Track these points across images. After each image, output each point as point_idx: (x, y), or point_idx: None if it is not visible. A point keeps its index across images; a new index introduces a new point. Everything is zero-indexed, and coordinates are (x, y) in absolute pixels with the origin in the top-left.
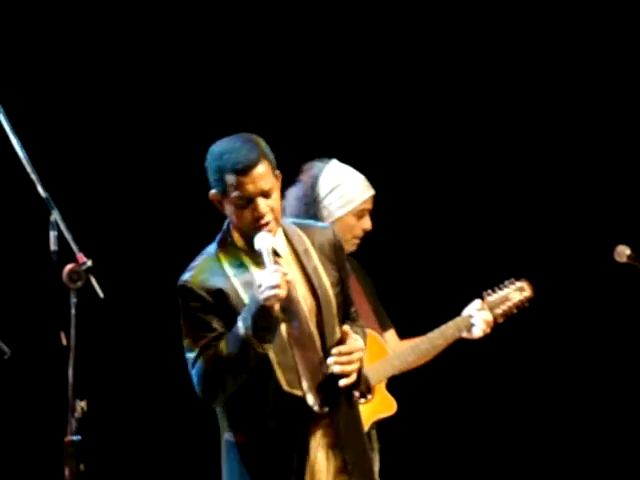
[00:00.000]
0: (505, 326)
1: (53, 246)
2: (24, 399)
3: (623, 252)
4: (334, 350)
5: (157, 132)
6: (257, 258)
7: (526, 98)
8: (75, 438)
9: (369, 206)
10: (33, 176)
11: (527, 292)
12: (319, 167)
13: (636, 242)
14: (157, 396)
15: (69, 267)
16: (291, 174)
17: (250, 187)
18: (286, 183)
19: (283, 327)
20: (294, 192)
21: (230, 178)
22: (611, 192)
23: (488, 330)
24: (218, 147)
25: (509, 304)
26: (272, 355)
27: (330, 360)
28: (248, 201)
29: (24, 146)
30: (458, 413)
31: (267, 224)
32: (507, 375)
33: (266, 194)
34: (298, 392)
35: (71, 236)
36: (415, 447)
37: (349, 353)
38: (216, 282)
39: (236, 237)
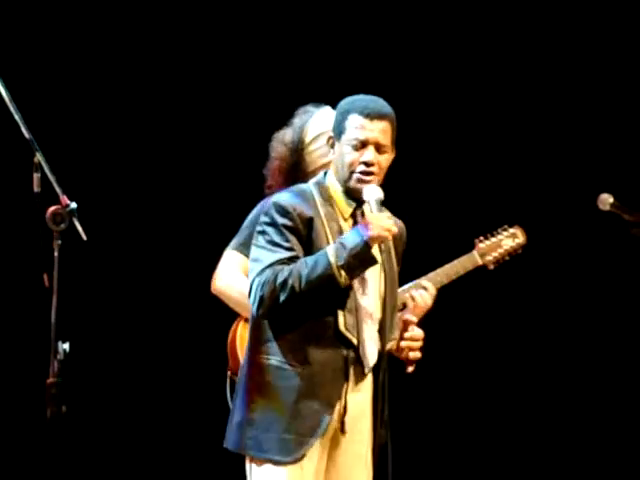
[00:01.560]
0: (491, 272)
1: (36, 188)
2: (6, 341)
3: (606, 200)
4: (407, 334)
5: (140, 80)
6: (350, 211)
7: (509, 55)
8: (57, 380)
9: None
10: (17, 117)
11: (520, 239)
12: (311, 112)
13: (619, 190)
14: (139, 338)
15: (52, 209)
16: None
17: (370, 133)
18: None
19: (356, 282)
20: (281, 136)
21: (355, 118)
22: (595, 141)
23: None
24: (350, 97)
25: (501, 251)
26: (339, 295)
27: (403, 344)
28: (363, 144)
29: (8, 87)
30: (446, 380)
31: (370, 174)
32: (491, 322)
33: (380, 148)
34: (352, 337)
35: (55, 178)
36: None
37: (418, 340)
38: (308, 211)
39: (332, 188)
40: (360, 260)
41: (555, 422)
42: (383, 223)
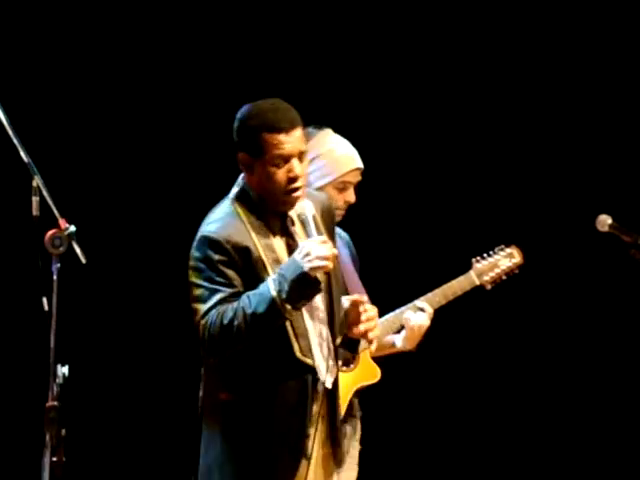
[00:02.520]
0: (488, 295)
1: (35, 211)
2: (5, 364)
3: (605, 221)
4: (363, 316)
5: (138, 100)
6: (279, 225)
7: (509, 72)
8: (56, 403)
9: (352, 179)
10: (15, 141)
11: (517, 259)
12: (309, 134)
13: (617, 211)
14: (138, 361)
15: (51, 232)
16: None
17: (289, 146)
18: None
19: None
20: None
21: (270, 137)
22: (594, 163)
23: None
24: (253, 108)
25: (498, 271)
26: (288, 321)
27: (362, 327)
28: (285, 160)
29: (6, 111)
30: (440, 382)
31: (299, 188)
32: (488, 340)
33: (301, 156)
34: (309, 361)
35: (53, 201)
36: (397, 415)
37: (374, 318)
38: (241, 240)
39: (257, 204)
40: (302, 293)
41: (546, 432)
42: (320, 252)
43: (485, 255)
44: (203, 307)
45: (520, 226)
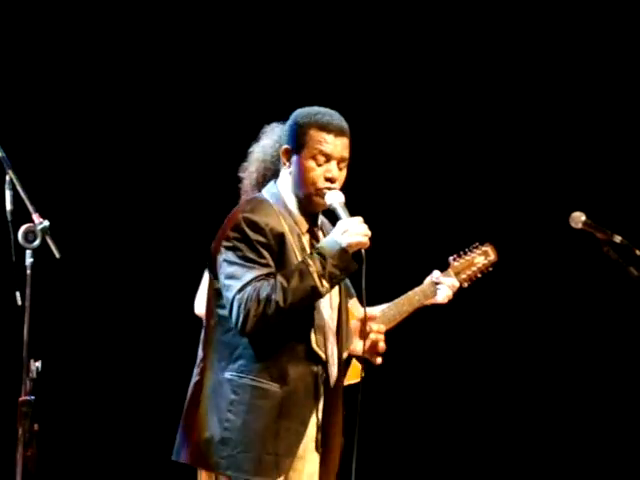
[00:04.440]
0: (465, 291)
1: (9, 205)
2: None
3: (578, 218)
4: (376, 327)
5: (111, 92)
6: (307, 225)
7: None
8: (29, 398)
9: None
10: None
11: (492, 256)
12: (282, 128)
13: (591, 208)
14: (111, 356)
15: (25, 227)
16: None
17: (334, 148)
18: (246, 146)
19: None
20: (256, 153)
21: (317, 133)
22: (567, 160)
23: (451, 296)
24: (309, 109)
25: (474, 269)
26: (311, 313)
27: (372, 338)
28: (327, 159)
29: None
30: (422, 381)
31: (332, 189)
32: (469, 340)
33: (341, 163)
34: (322, 354)
35: (27, 196)
36: (378, 414)
37: (382, 332)
38: (277, 226)
39: (288, 200)
40: (341, 268)
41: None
42: (359, 229)
43: (461, 253)
44: (239, 283)
45: (494, 223)
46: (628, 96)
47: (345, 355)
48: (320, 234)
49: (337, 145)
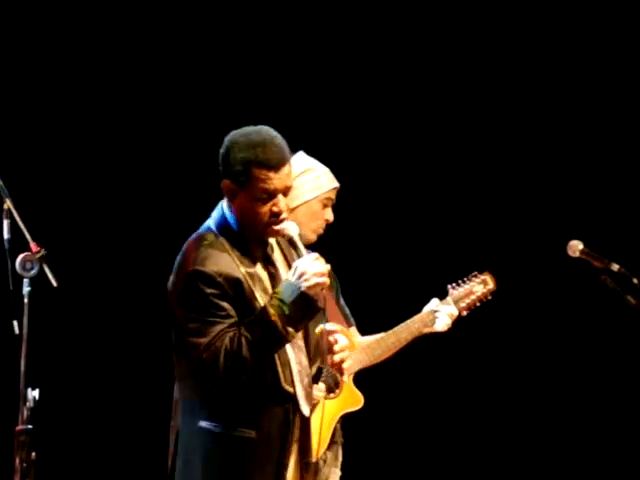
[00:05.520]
0: (464, 319)
1: (6, 234)
2: None
3: (576, 247)
4: (337, 347)
5: (109, 122)
6: (261, 253)
7: (484, 94)
8: (26, 427)
9: (333, 197)
10: None
11: (490, 285)
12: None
13: (588, 237)
14: (108, 385)
15: (22, 256)
16: None
17: (277, 183)
18: None
19: None
20: None
21: (259, 172)
22: (565, 189)
23: (450, 325)
24: (244, 138)
25: (473, 297)
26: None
27: (337, 357)
28: (271, 196)
29: None
30: (421, 409)
31: (282, 221)
32: (468, 367)
33: (287, 192)
34: (291, 390)
35: (24, 225)
36: (377, 441)
37: (344, 349)
38: (231, 271)
39: (236, 233)
40: (303, 313)
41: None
42: (315, 269)
43: (460, 282)
44: (204, 340)
45: (493, 252)
46: (625, 120)
47: (314, 369)
48: (275, 257)
49: (281, 179)
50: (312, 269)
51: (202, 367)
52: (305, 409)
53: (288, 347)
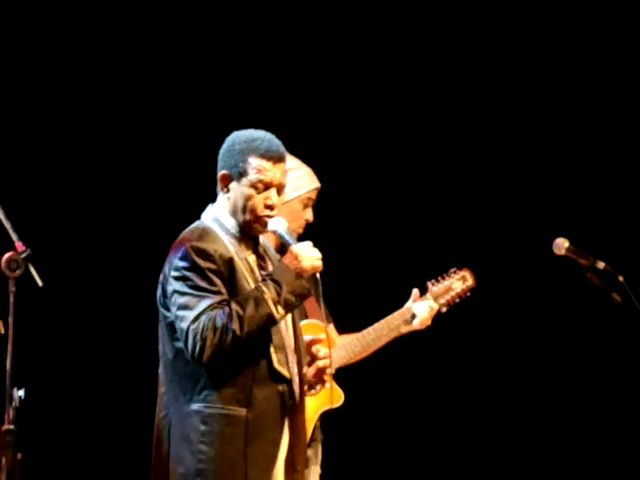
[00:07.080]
0: (445, 317)
1: None
2: None
3: (562, 245)
4: (321, 354)
5: (96, 121)
6: (252, 246)
7: (469, 92)
8: (12, 427)
9: (314, 197)
10: None
11: (469, 281)
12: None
13: (574, 235)
14: (95, 385)
15: (8, 255)
16: None
17: (273, 175)
18: None
19: None
20: None
21: (257, 161)
22: (550, 185)
23: (429, 321)
24: (245, 134)
25: (452, 294)
26: (270, 334)
27: (320, 363)
28: (266, 187)
29: None
30: (402, 406)
31: (273, 216)
32: (449, 365)
33: (280, 190)
34: (285, 373)
35: (10, 224)
36: (357, 439)
37: (328, 357)
38: (225, 251)
39: (229, 225)
40: (296, 295)
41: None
42: (311, 253)
43: (439, 278)
44: (192, 313)
45: (478, 251)
46: (614, 121)
47: (305, 371)
48: (265, 253)
49: (276, 173)
50: (308, 253)
51: (189, 340)
52: (297, 392)
53: (283, 331)
